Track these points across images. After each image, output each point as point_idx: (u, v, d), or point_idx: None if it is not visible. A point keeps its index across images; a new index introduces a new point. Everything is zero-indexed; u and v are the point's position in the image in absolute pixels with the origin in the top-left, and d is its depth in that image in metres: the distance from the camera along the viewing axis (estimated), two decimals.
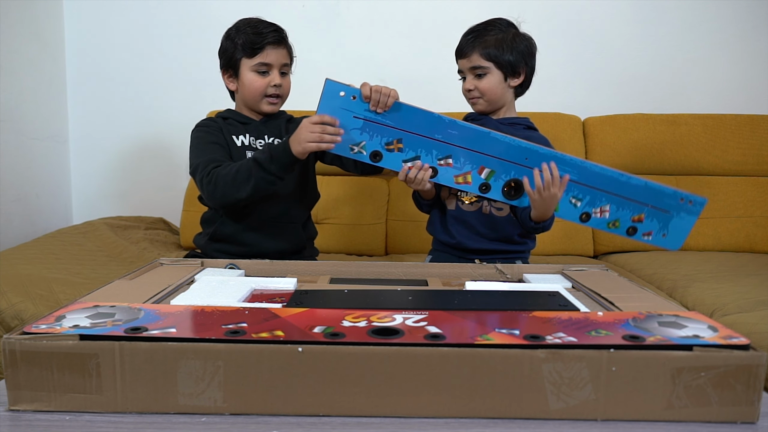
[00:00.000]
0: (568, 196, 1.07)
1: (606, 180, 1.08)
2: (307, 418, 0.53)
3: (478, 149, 1.05)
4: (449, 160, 1.05)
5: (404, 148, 1.05)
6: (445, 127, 1.03)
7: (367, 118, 1.04)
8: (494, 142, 1.05)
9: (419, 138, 1.05)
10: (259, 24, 1.24)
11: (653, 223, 1.08)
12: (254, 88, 1.22)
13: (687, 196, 1.08)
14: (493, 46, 1.22)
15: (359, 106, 1.03)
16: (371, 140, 1.06)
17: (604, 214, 1.08)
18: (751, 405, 0.53)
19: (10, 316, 1.10)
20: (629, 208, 1.08)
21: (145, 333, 0.54)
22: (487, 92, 1.24)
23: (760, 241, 1.80)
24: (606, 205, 1.08)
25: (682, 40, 2.03)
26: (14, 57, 1.72)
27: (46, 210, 1.89)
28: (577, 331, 0.56)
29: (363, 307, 0.65)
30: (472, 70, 1.23)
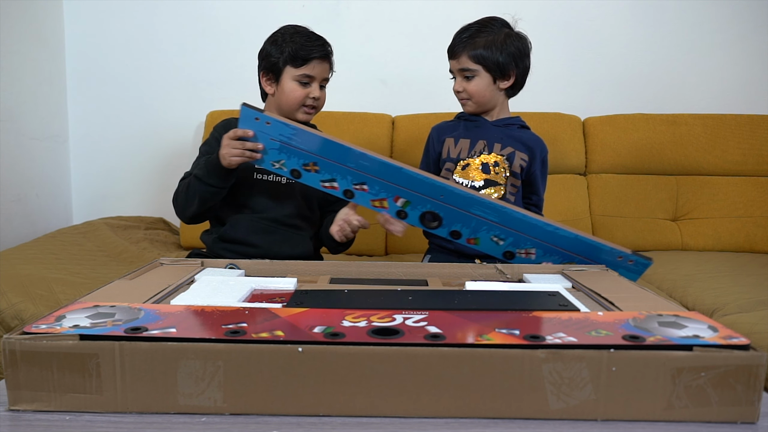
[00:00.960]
0: (489, 234, 1.03)
1: (529, 227, 1.01)
2: (307, 418, 0.53)
3: (391, 181, 1.02)
4: (364, 186, 1.04)
5: (320, 170, 1.05)
6: (356, 158, 1.02)
7: (283, 142, 1.04)
8: (408, 178, 1.02)
9: (332, 164, 1.04)
10: (309, 36, 1.26)
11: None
12: (294, 97, 1.24)
13: (627, 256, 0.98)
14: (482, 48, 1.21)
15: (275, 130, 1.04)
16: (289, 160, 1.07)
17: (530, 256, 1.03)
18: (751, 405, 0.53)
19: (10, 316, 1.10)
20: (558, 254, 1.02)
21: (145, 333, 0.54)
22: (475, 94, 1.24)
23: (760, 241, 1.80)
24: (531, 249, 1.03)
25: (682, 40, 2.03)
26: (14, 57, 1.72)
27: (46, 210, 1.89)
28: (577, 331, 0.56)
29: (363, 307, 0.65)
30: (460, 71, 1.24)
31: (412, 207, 1.05)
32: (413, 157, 1.84)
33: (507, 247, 1.04)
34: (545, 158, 1.30)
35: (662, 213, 1.86)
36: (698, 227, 1.84)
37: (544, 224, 0.99)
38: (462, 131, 1.29)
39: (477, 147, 1.26)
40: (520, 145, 1.26)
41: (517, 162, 1.25)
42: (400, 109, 1.96)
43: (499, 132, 1.27)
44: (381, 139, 1.87)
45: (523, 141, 1.27)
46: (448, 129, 1.33)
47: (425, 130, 1.86)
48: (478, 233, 1.04)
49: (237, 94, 1.95)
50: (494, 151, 1.25)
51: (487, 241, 1.04)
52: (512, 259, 1.05)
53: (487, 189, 1.24)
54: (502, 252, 1.05)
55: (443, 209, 1.04)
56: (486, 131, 1.27)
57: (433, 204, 1.04)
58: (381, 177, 1.02)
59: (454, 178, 1.26)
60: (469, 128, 1.29)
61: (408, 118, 1.91)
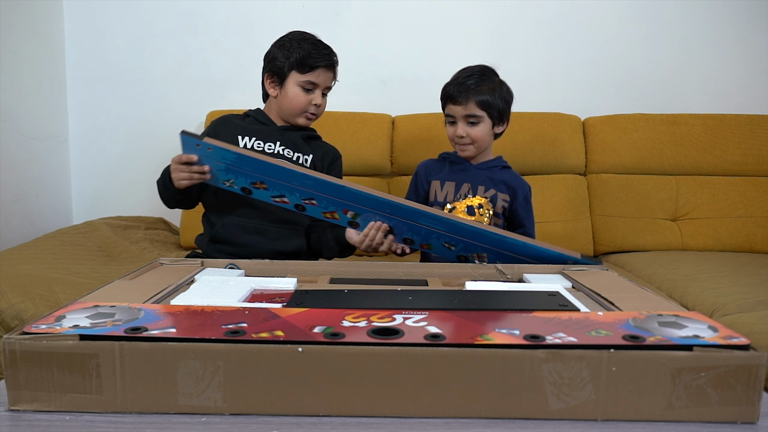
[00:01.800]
0: (440, 241, 1.04)
1: (476, 235, 1.01)
2: (307, 418, 0.53)
3: (337, 197, 1.04)
4: (313, 201, 1.05)
5: (269, 188, 1.06)
6: (300, 178, 1.02)
7: (227, 164, 1.06)
8: (352, 195, 1.03)
9: (279, 184, 1.05)
10: (317, 44, 1.28)
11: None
12: (297, 102, 1.26)
13: (577, 260, 0.97)
14: (488, 95, 1.26)
15: (217, 154, 1.04)
16: (237, 179, 1.08)
17: (483, 259, 1.04)
18: (751, 405, 0.53)
19: (10, 316, 1.10)
20: (509, 258, 1.02)
21: (145, 333, 0.54)
22: (478, 140, 1.29)
23: (760, 241, 1.80)
24: (483, 253, 1.03)
25: (682, 40, 2.03)
26: (14, 57, 1.72)
27: (46, 210, 1.89)
28: (577, 331, 0.56)
29: (363, 307, 0.65)
30: (466, 117, 1.27)
31: (361, 219, 1.06)
32: (413, 157, 1.84)
33: (459, 251, 1.05)
34: (527, 196, 1.35)
35: (662, 213, 1.86)
36: (698, 227, 1.84)
37: (491, 233, 1.00)
38: (447, 173, 1.34)
39: (462, 190, 1.31)
40: (502, 186, 1.32)
41: (499, 203, 1.31)
42: (400, 109, 1.96)
43: (483, 175, 1.33)
44: (381, 139, 1.87)
45: (505, 182, 1.33)
46: (435, 169, 1.37)
47: (425, 130, 1.87)
48: (430, 240, 1.05)
49: (237, 94, 1.96)
50: (478, 194, 1.31)
51: (440, 246, 1.06)
52: (464, 261, 1.06)
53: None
54: (456, 256, 1.06)
55: (391, 221, 1.06)
56: (470, 174, 1.33)
57: (381, 216, 1.05)
58: (326, 194, 1.04)
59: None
60: (455, 171, 1.34)
61: (408, 118, 1.91)
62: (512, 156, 1.77)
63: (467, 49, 2.01)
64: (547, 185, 1.84)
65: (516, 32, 2.03)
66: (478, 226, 1.00)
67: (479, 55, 1.96)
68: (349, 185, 1.02)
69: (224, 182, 1.09)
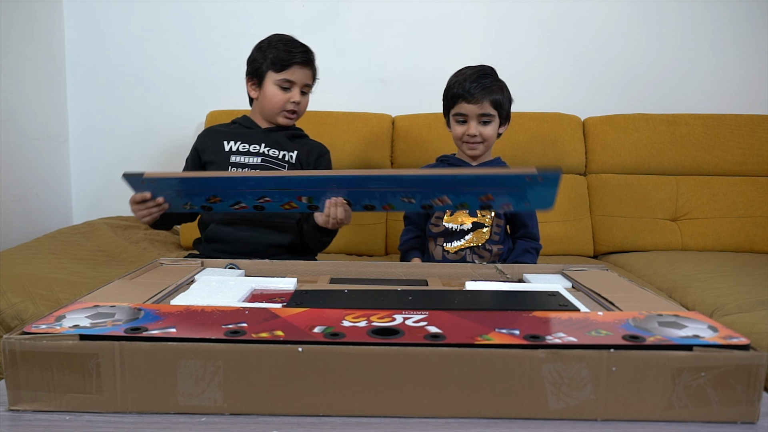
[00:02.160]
0: (398, 198, 1.02)
1: (428, 182, 0.99)
2: (307, 418, 0.53)
3: (284, 187, 1.03)
4: (266, 198, 1.05)
5: (223, 199, 1.06)
6: (244, 182, 1.02)
7: (176, 190, 1.06)
8: (296, 182, 1.03)
9: (229, 192, 1.05)
10: (291, 43, 1.30)
11: (506, 197, 0.98)
12: (275, 101, 1.29)
13: (534, 175, 0.93)
14: (499, 94, 1.27)
15: (163, 183, 1.05)
16: (192, 200, 1.08)
17: (446, 202, 1.01)
18: (751, 405, 0.53)
19: (10, 316, 1.10)
20: (471, 193, 0.98)
21: (145, 333, 0.54)
22: (489, 138, 1.29)
23: (760, 241, 1.80)
24: (443, 196, 1.00)
25: (682, 40, 2.03)
26: (14, 57, 1.72)
27: (46, 210, 1.89)
28: (577, 331, 0.56)
29: (363, 307, 0.65)
30: (480, 116, 1.27)
31: (316, 200, 1.06)
32: (413, 156, 1.85)
33: (420, 202, 1.02)
34: None
35: (662, 213, 1.86)
36: (698, 227, 1.84)
37: (441, 176, 0.98)
38: None
39: None
40: None
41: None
42: (400, 109, 1.96)
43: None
44: (381, 139, 1.87)
45: None
46: None
47: (425, 130, 1.87)
48: (388, 200, 1.03)
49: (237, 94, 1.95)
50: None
51: (400, 203, 1.03)
52: (429, 209, 1.05)
53: (475, 231, 1.29)
54: (420, 207, 1.04)
55: (341, 193, 1.05)
56: None
57: (332, 192, 1.05)
58: (275, 188, 1.03)
59: (444, 225, 1.30)
60: None
61: (408, 118, 1.91)
62: (512, 156, 1.78)
63: (467, 49, 2.01)
64: None
65: (516, 32, 2.03)
66: (426, 173, 0.99)
67: (479, 55, 1.96)
68: (287, 174, 1.03)
69: (183, 206, 1.10)
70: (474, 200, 0.99)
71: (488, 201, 0.98)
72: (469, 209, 1.01)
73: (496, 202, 0.98)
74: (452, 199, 1.00)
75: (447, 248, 1.29)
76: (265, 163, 1.29)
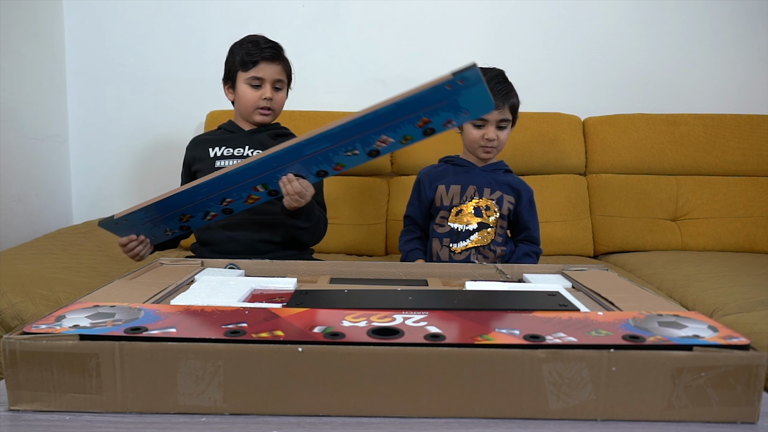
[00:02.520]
0: (342, 154, 1.01)
1: (360, 126, 0.96)
2: (307, 418, 0.53)
3: (238, 183, 1.05)
4: (227, 199, 1.07)
5: (193, 215, 1.08)
6: (196, 194, 1.03)
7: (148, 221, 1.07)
8: (242, 173, 1.03)
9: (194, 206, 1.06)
10: (258, 41, 1.30)
11: (443, 114, 0.95)
12: (247, 100, 1.29)
13: (453, 79, 0.90)
14: (515, 98, 1.28)
15: (135, 218, 1.06)
16: (169, 225, 1.09)
17: (389, 141, 0.99)
18: (751, 405, 0.53)
19: (10, 316, 1.10)
20: (406, 123, 0.96)
21: (145, 333, 0.54)
22: (503, 143, 1.30)
23: (760, 241, 1.80)
24: (382, 137, 0.98)
25: (682, 40, 2.03)
26: (14, 57, 1.72)
27: (46, 210, 1.89)
28: (577, 331, 0.56)
29: (363, 307, 0.65)
30: (500, 122, 1.27)
31: (272, 185, 1.06)
32: (413, 157, 1.85)
33: (365, 150, 1.01)
34: (531, 198, 1.35)
35: (662, 213, 1.86)
36: (698, 227, 1.84)
37: (364, 116, 0.95)
38: (452, 177, 1.34)
39: (468, 192, 1.31)
40: (507, 188, 1.32)
41: (505, 205, 1.31)
42: None
43: (488, 177, 1.33)
44: None
45: (509, 184, 1.33)
46: (438, 175, 1.36)
47: None
48: (335, 160, 1.03)
49: None
50: (484, 196, 1.31)
51: (346, 158, 1.03)
52: (378, 155, 1.02)
53: (480, 231, 1.29)
54: (366, 156, 1.02)
55: (288, 169, 1.05)
56: (475, 177, 1.32)
57: (278, 172, 1.05)
58: (229, 187, 1.04)
59: (450, 225, 1.30)
60: (459, 173, 1.34)
61: None
62: (512, 156, 1.77)
63: (467, 49, 2.01)
64: (547, 185, 1.84)
65: (516, 32, 2.03)
66: (351, 119, 0.95)
67: (479, 55, 1.96)
68: (230, 170, 1.01)
69: (165, 233, 1.12)
70: (413, 129, 0.97)
71: (427, 124, 0.96)
72: (414, 139, 0.98)
73: (436, 123, 0.95)
74: (393, 136, 0.98)
75: (453, 248, 1.29)
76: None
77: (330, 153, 1.01)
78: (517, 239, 1.36)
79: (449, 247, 1.30)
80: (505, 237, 1.34)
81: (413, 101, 0.92)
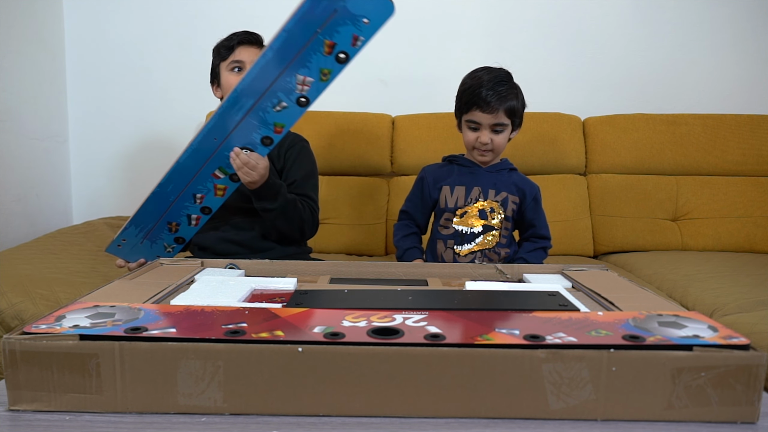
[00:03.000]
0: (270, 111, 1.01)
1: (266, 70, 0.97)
2: (307, 418, 0.53)
3: (190, 177, 1.07)
4: (198, 195, 1.08)
5: (179, 223, 1.12)
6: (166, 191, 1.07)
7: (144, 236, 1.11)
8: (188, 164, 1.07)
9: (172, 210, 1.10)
10: (235, 32, 1.31)
11: (344, 30, 0.93)
12: (229, 85, 1.27)
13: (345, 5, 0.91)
14: (514, 101, 1.24)
15: (131, 236, 1.10)
16: (163, 237, 1.13)
17: (309, 81, 0.98)
18: (751, 405, 0.53)
19: (10, 316, 1.10)
20: (311, 53, 0.94)
21: (145, 333, 0.54)
22: (500, 146, 1.28)
23: (760, 241, 1.80)
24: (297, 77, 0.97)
25: (682, 40, 2.03)
26: (14, 57, 1.72)
27: (46, 210, 1.89)
28: (577, 331, 0.56)
29: (363, 307, 0.65)
30: (494, 125, 1.25)
31: (228, 168, 1.08)
32: (413, 157, 1.84)
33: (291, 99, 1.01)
34: (537, 197, 1.34)
35: (662, 213, 1.86)
36: (698, 227, 1.84)
37: (265, 57, 0.97)
38: (456, 177, 1.33)
39: (473, 194, 1.30)
40: (512, 188, 1.31)
41: (509, 206, 1.30)
42: (400, 109, 1.96)
43: (492, 178, 1.32)
44: (381, 139, 1.87)
45: (514, 184, 1.32)
46: (443, 174, 1.35)
47: (425, 130, 1.87)
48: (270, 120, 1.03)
49: None
50: (489, 198, 1.30)
51: (279, 115, 1.03)
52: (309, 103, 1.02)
53: (485, 234, 1.29)
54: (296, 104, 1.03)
55: (231, 142, 1.07)
56: (479, 177, 1.31)
57: (225, 150, 1.07)
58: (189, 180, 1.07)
59: (454, 227, 1.30)
60: (463, 174, 1.33)
61: (408, 118, 1.91)
62: (512, 156, 1.77)
63: (467, 49, 2.01)
64: (547, 185, 1.84)
65: (516, 32, 2.03)
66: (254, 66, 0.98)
67: (479, 55, 1.96)
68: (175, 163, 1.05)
69: (167, 251, 1.15)
70: (323, 58, 0.95)
71: (335, 48, 0.93)
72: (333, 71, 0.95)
73: (343, 44, 0.93)
74: (308, 74, 0.96)
75: (458, 251, 1.29)
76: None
77: (260, 113, 1.00)
78: (523, 237, 1.36)
79: (453, 249, 1.29)
80: (510, 238, 1.33)
81: (301, 23, 0.91)
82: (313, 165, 1.34)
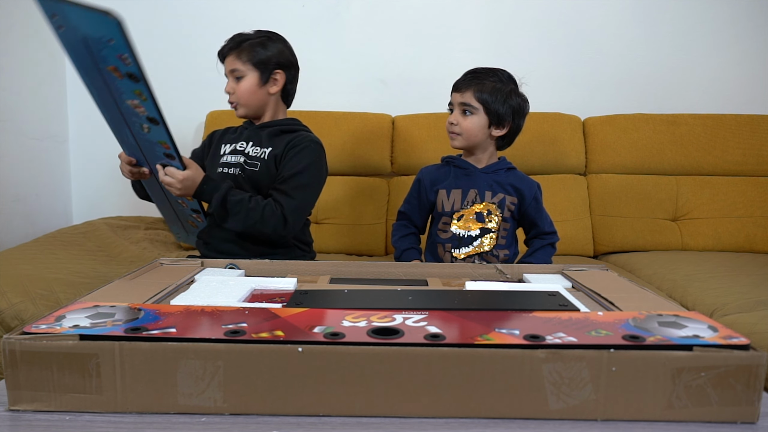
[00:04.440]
0: (156, 143, 1.06)
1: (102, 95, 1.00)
2: (307, 418, 0.53)
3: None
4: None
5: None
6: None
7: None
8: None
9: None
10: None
11: (105, 53, 0.94)
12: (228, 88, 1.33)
13: (47, 16, 0.92)
14: (489, 92, 1.25)
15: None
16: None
17: (139, 105, 0.99)
18: (751, 405, 0.53)
19: (10, 316, 1.10)
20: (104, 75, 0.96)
21: (145, 333, 0.54)
22: (467, 131, 1.27)
23: (760, 241, 1.80)
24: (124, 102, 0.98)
25: (682, 40, 2.03)
26: (14, 57, 1.72)
27: (46, 210, 1.89)
28: (577, 331, 0.56)
29: (363, 307, 0.65)
30: (461, 105, 1.27)
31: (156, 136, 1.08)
32: (413, 157, 1.85)
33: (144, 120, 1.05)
34: (537, 195, 1.34)
35: (662, 213, 1.86)
36: (698, 227, 1.84)
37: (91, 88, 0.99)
38: (452, 180, 1.33)
39: (469, 197, 1.30)
40: (510, 188, 1.31)
41: (506, 207, 1.30)
42: (400, 109, 1.96)
43: (489, 179, 1.32)
44: (381, 139, 1.87)
45: (512, 184, 1.32)
46: (439, 177, 1.35)
47: (425, 130, 1.87)
48: (152, 140, 1.07)
49: None
50: (486, 200, 1.30)
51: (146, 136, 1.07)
52: (157, 121, 1.05)
53: (483, 236, 1.29)
54: (148, 120, 1.06)
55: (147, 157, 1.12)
56: (476, 179, 1.31)
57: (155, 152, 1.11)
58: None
59: (452, 231, 1.30)
60: (459, 177, 1.33)
61: (408, 118, 1.91)
62: (512, 156, 1.77)
63: (467, 50, 2.01)
64: (547, 185, 1.83)
65: (516, 32, 2.03)
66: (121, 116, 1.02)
67: (479, 55, 1.96)
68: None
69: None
70: (120, 81, 0.94)
71: (116, 69, 0.91)
72: (141, 90, 0.92)
73: (115, 62, 0.91)
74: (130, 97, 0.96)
75: (456, 254, 1.29)
76: (246, 162, 1.29)
77: (141, 134, 1.04)
78: (529, 237, 1.36)
79: (451, 253, 1.29)
80: (510, 239, 1.32)
81: (81, 64, 0.92)
82: (308, 164, 1.31)
